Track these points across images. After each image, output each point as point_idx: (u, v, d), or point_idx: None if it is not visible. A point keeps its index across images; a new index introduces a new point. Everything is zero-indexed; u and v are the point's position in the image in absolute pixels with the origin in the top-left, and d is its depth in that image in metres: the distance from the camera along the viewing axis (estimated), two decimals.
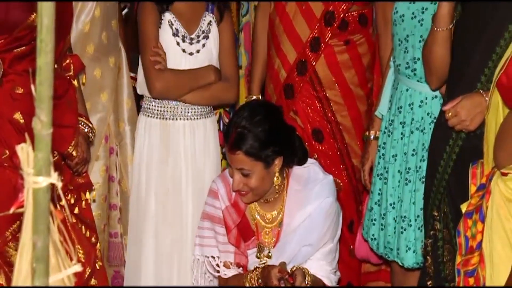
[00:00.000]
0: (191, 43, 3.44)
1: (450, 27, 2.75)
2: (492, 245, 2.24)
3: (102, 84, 3.51)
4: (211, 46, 3.47)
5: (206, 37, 3.46)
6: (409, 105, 3.10)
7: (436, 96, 3.04)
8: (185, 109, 3.45)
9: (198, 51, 3.45)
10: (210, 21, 3.48)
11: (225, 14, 3.52)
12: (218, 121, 3.70)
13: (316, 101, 3.53)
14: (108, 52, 3.52)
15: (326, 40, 3.46)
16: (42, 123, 0.97)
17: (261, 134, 2.87)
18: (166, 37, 3.42)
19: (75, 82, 2.90)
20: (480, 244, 2.29)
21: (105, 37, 3.49)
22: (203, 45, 3.45)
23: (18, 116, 2.62)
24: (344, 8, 3.44)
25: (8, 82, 2.63)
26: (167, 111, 3.45)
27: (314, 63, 3.49)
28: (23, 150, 0.98)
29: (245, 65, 3.88)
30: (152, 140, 3.46)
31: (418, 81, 3.06)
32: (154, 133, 3.46)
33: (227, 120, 3.73)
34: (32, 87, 0.98)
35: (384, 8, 3.39)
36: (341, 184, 3.51)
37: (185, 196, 3.45)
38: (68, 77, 2.84)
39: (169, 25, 3.42)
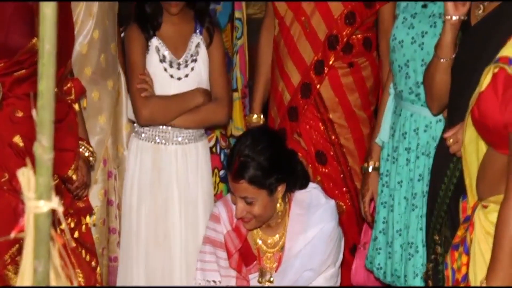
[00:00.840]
0: (178, 68, 3.38)
1: (453, 56, 2.74)
2: (476, 279, 2.22)
3: (100, 106, 3.49)
4: (200, 69, 3.42)
5: (195, 60, 3.40)
6: (414, 130, 3.08)
7: (440, 120, 3.02)
8: (176, 133, 3.41)
9: (186, 76, 3.39)
10: (199, 43, 3.42)
11: (214, 36, 3.46)
12: (215, 145, 3.68)
13: (320, 123, 3.52)
14: (107, 75, 3.51)
15: (330, 63, 3.46)
16: (44, 147, 0.96)
17: (264, 163, 2.86)
18: (153, 63, 3.37)
19: (76, 106, 2.90)
20: (465, 277, 2.27)
21: (103, 60, 3.47)
22: (192, 69, 3.40)
23: (17, 139, 2.62)
24: (348, 32, 3.44)
25: (8, 106, 2.62)
26: (158, 136, 3.41)
27: (318, 86, 3.48)
28: (24, 175, 0.97)
29: (241, 87, 3.87)
30: (144, 163, 3.42)
31: (422, 105, 3.04)
32: (146, 157, 3.42)
33: (223, 144, 3.72)
34: (33, 111, 0.97)
35: (387, 33, 3.38)
36: (344, 207, 3.50)
37: (178, 220, 3.41)
38: (69, 101, 2.84)
39: (156, 51, 3.37)
